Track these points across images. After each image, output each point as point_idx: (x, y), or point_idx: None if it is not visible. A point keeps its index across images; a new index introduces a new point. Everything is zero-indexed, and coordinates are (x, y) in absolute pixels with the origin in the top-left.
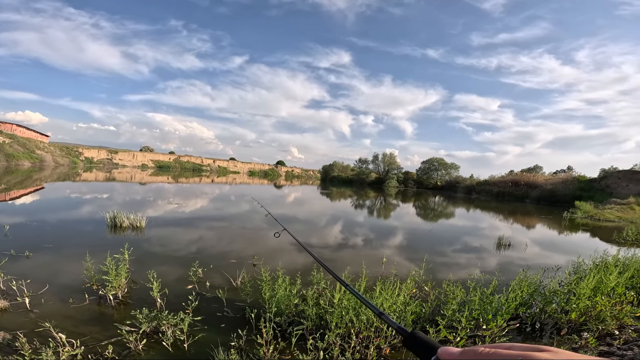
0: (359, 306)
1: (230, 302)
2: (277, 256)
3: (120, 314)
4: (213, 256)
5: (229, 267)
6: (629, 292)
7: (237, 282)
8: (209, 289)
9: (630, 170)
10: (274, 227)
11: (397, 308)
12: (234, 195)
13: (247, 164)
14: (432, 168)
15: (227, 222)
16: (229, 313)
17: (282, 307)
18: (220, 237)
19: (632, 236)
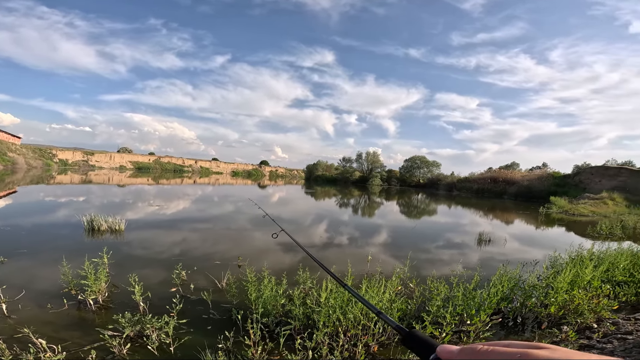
0: (345, 304)
1: (216, 304)
2: (263, 257)
3: (101, 319)
4: (197, 258)
5: (213, 269)
6: (605, 286)
7: (223, 284)
8: (194, 291)
9: (602, 166)
10: (259, 227)
11: (383, 306)
12: (217, 196)
13: (230, 165)
14: (414, 166)
15: (211, 224)
16: (215, 315)
17: (269, 307)
18: (204, 238)
19: (606, 230)
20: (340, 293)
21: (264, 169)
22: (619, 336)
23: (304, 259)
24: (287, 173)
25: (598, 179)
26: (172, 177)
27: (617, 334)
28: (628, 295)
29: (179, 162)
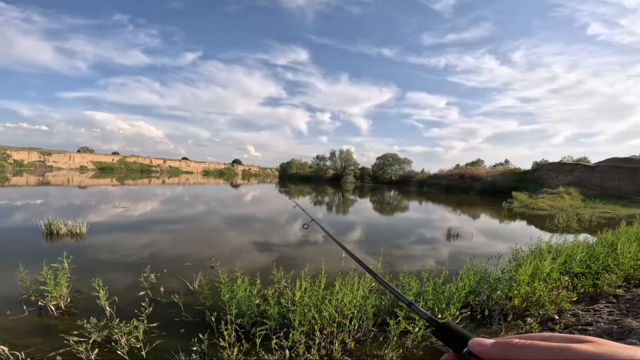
0: (320, 302)
1: (188, 306)
2: (237, 257)
3: (65, 325)
4: (167, 260)
5: (184, 271)
6: (563, 277)
7: (195, 286)
8: (164, 294)
9: (559, 162)
10: (233, 227)
11: (357, 302)
12: (188, 196)
13: (202, 164)
14: (386, 163)
15: (182, 225)
16: (188, 317)
17: (243, 308)
18: (174, 240)
19: (563, 223)
20: (315, 291)
21: (237, 168)
22: (579, 327)
23: (280, 257)
24: (260, 172)
25: (555, 174)
26: (138, 177)
27: (578, 325)
28: (586, 287)
29: (146, 161)
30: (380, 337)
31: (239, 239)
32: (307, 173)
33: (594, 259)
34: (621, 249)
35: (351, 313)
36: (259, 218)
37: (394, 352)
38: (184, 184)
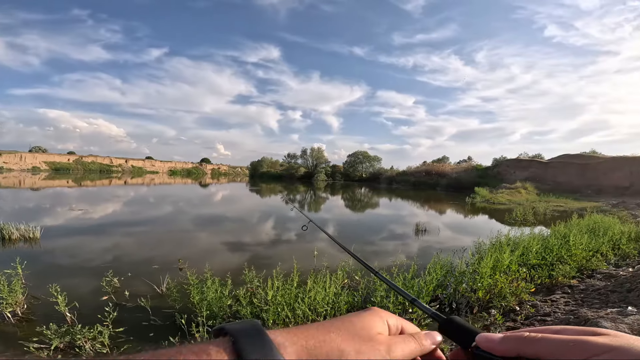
0: (293, 301)
1: (157, 309)
2: (207, 258)
3: (24, 332)
4: (132, 263)
5: (151, 274)
6: (521, 269)
7: (162, 289)
8: (130, 298)
9: (516, 159)
10: (202, 227)
11: (329, 300)
12: (153, 197)
13: (167, 163)
14: (357, 161)
15: (148, 226)
16: (157, 321)
17: (214, 309)
18: (140, 242)
19: (520, 217)
20: (288, 290)
21: (205, 167)
22: (538, 318)
23: (253, 257)
24: (230, 171)
25: (513, 170)
26: (97, 178)
27: (537, 315)
28: (542, 278)
29: (105, 161)
30: None
31: (209, 240)
32: (279, 171)
33: (548, 251)
34: (573, 240)
35: (324, 310)
36: (229, 218)
37: None
38: (149, 185)
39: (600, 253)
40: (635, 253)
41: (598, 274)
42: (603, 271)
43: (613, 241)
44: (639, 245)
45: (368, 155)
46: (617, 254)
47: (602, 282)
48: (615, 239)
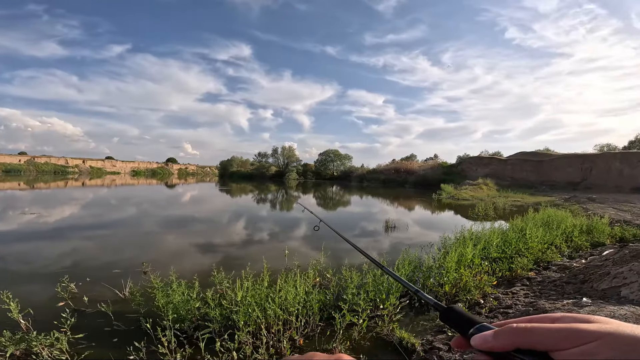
0: (264, 301)
1: (120, 314)
2: (175, 261)
3: None
4: (91, 268)
5: (112, 279)
6: (484, 263)
7: (125, 293)
8: (89, 304)
9: (478, 156)
10: (169, 229)
11: (300, 299)
12: (115, 198)
13: (130, 163)
14: (328, 159)
15: (109, 230)
16: (120, 326)
17: (182, 312)
18: (100, 247)
19: (482, 212)
20: (258, 290)
21: (172, 167)
22: (501, 310)
23: (224, 258)
24: (198, 170)
25: (475, 167)
26: (52, 180)
27: (500, 308)
28: (503, 271)
29: (60, 162)
30: (327, 331)
31: (176, 242)
32: (249, 171)
33: (507, 244)
34: (529, 234)
35: (296, 310)
36: (198, 219)
37: (342, 345)
38: (109, 186)
39: (554, 245)
40: (587, 245)
41: (553, 265)
42: (558, 263)
43: (566, 234)
44: (590, 238)
45: (339, 154)
46: (570, 246)
47: (557, 273)
48: (568, 231)
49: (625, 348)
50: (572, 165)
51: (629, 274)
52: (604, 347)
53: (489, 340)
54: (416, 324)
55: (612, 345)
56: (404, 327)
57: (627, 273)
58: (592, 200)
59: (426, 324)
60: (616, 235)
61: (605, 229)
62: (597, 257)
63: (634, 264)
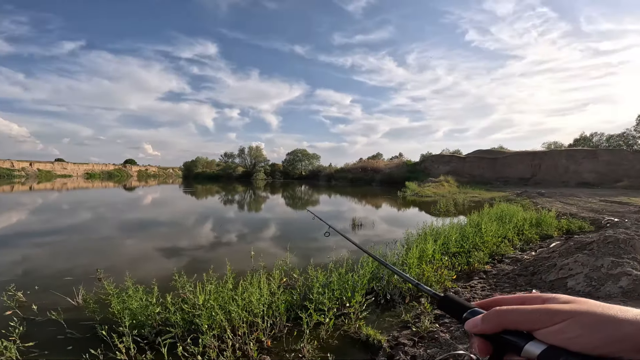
0: (227, 304)
1: (73, 322)
2: (133, 266)
3: None
4: (41, 277)
5: (64, 286)
6: (444, 258)
7: (78, 301)
8: (39, 312)
9: (439, 154)
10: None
11: (265, 300)
12: (67, 203)
13: (83, 165)
14: (296, 159)
15: (60, 236)
16: (75, 334)
17: (141, 318)
18: (50, 254)
19: (443, 208)
20: (221, 293)
21: (130, 169)
22: None
23: (190, 262)
24: (160, 172)
25: (437, 165)
26: None
27: None
28: (462, 265)
29: (5, 165)
30: (295, 332)
31: (136, 247)
32: (215, 171)
33: (465, 239)
34: (485, 228)
35: (261, 311)
36: (159, 222)
37: (310, 345)
38: (60, 190)
39: (507, 239)
40: (537, 238)
41: (507, 258)
42: (511, 256)
43: (518, 227)
44: (540, 230)
45: (307, 153)
46: (521, 239)
47: (510, 266)
48: (519, 225)
49: (592, 325)
50: (523, 162)
51: (574, 265)
52: (574, 325)
53: (478, 324)
54: (382, 320)
55: (582, 323)
56: (371, 324)
57: (573, 264)
58: (541, 194)
59: (392, 320)
60: (563, 227)
61: (553, 222)
62: (545, 250)
63: (578, 256)
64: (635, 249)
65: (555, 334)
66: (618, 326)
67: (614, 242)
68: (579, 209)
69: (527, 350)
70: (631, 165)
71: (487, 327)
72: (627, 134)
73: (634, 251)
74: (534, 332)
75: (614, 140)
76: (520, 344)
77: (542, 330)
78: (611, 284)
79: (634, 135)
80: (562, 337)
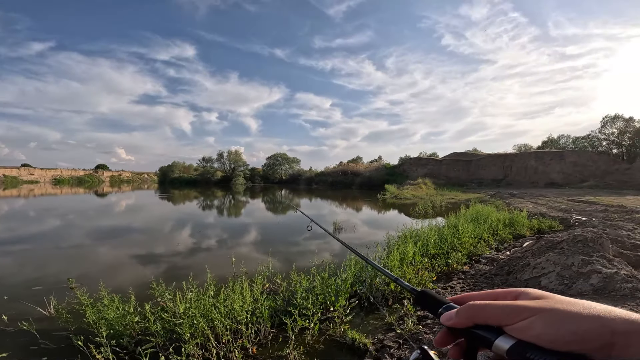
0: (209, 312)
1: (46, 332)
2: (107, 275)
3: None
4: (10, 286)
5: (34, 296)
6: (424, 259)
7: (50, 311)
8: (10, 322)
9: (417, 157)
10: (101, 241)
11: (248, 306)
12: (34, 210)
13: (51, 171)
14: (276, 163)
15: (27, 244)
16: (49, 344)
17: (119, 327)
18: (17, 263)
19: (422, 210)
20: (202, 300)
21: (102, 174)
22: None
23: (168, 269)
24: (134, 177)
25: (415, 167)
26: None
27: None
28: (441, 266)
29: None
30: (280, 338)
31: (109, 255)
32: (193, 176)
33: (444, 240)
34: (462, 229)
35: (245, 318)
36: (134, 229)
37: (296, 351)
38: (27, 197)
39: (483, 239)
40: (510, 237)
41: (483, 258)
42: (487, 256)
43: (492, 228)
44: (513, 230)
45: (287, 157)
46: (496, 239)
47: (487, 266)
48: (493, 225)
49: (555, 322)
50: (495, 164)
51: (546, 264)
52: (539, 321)
53: (452, 318)
54: (367, 323)
55: (546, 319)
56: (355, 327)
57: (545, 263)
58: (513, 195)
59: (376, 323)
60: (534, 227)
61: (525, 221)
62: (519, 249)
63: (550, 254)
64: (603, 248)
65: (523, 330)
66: (579, 323)
67: (583, 241)
68: (549, 208)
69: (497, 345)
70: (596, 166)
71: (459, 321)
72: (592, 135)
73: (602, 249)
74: (504, 328)
75: (580, 142)
76: (491, 339)
77: (511, 326)
78: (582, 281)
79: (598, 137)
80: (529, 334)
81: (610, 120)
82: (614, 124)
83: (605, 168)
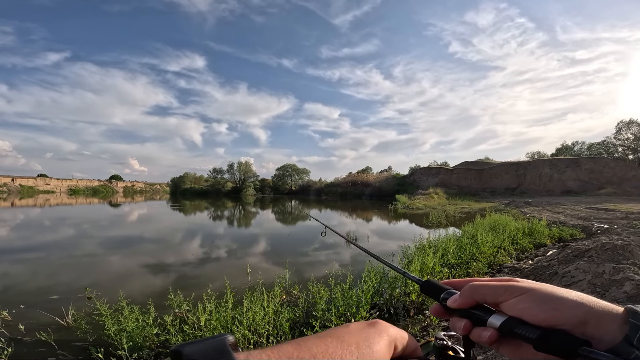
0: (230, 324)
1: (64, 343)
2: (123, 284)
3: None
4: (26, 294)
5: (51, 305)
6: (444, 269)
7: (68, 320)
8: (27, 332)
9: (427, 167)
10: (115, 250)
11: (269, 319)
12: (50, 219)
13: (66, 181)
14: (286, 174)
15: (44, 252)
16: (66, 356)
17: (138, 340)
18: (34, 271)
19: (435, 220)
20: (222, 312)
21: (116, 185)
22: None
23: (179, 278)
24: (147, 188)
25: (425, 177)
26: None
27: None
28: (461, 276)
29: None
30: None
31: (123, 264)
32: (203, 187)
33: (463, 250)
34: (481, 239)
35: (266, 331)
36: (147, 238)
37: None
38: (43, 206)
39: (503, 249)
40: (531, 246)
41: (505, 268)
42: (509, 265)
43: (511, 237)
44: (533, 239)
45: (297, 168)
46: (516, 248)
47: (509, 275)
48: (512, 234)
49: (541, 299)
50: (508, 172)
51: (576, 273)
52: (527, 298)
53: (457, 299)
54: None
55: (533, 296)
56: None
57: (574, 272)
58: (528, 204)
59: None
60: (555, 235)
61: (545, 230)
62: (543, 258)
63: (579, 263)
64: (633, 255)
65: (513, 306)
66: (560, 301)
67: (612, 248)
68: (567, 216)
69: (490, 322)
70: (613, 173)
71: (464, 301)
72: (607, 142)
73: (632, 257)
74: (499, 305)
75: (595, 149)
76: (485, 317)
77: (504, 303)
78: (615, 289)
79: (614, 143)
80: (518, 309)
81: (625, 125)
82: (628, 129)
83: (622, 175)
